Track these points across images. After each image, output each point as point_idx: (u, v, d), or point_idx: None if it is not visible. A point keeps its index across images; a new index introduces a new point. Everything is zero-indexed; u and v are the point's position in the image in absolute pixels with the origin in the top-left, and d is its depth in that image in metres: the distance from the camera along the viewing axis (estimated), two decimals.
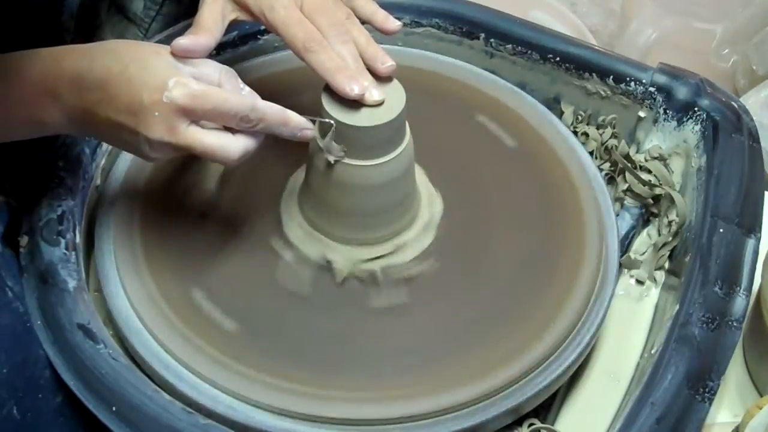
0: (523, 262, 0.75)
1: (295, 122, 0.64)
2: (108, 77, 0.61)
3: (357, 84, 0.66)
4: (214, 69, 0.64)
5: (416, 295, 0.73)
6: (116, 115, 0.61)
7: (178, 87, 0.60)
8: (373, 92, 0.67)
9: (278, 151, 0.79)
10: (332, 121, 0.67)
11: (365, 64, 0.68)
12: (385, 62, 0.68)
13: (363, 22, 0.71)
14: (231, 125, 0.62)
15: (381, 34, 0.73)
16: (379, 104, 0.68)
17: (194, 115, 0.61)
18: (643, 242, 0.87)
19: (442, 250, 0.76)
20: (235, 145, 0.62)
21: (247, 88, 0.64)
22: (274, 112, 0.63)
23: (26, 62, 0.63)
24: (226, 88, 0.63)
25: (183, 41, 0.63)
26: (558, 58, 0.90)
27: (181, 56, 0.63)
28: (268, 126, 0.63)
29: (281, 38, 0.68)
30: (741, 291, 0.69)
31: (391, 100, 0.68)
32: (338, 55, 0.66)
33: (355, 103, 0.67)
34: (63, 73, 0.63)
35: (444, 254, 0.75)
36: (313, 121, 0.67)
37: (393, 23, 0.72)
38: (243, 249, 0.75)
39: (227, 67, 0.65)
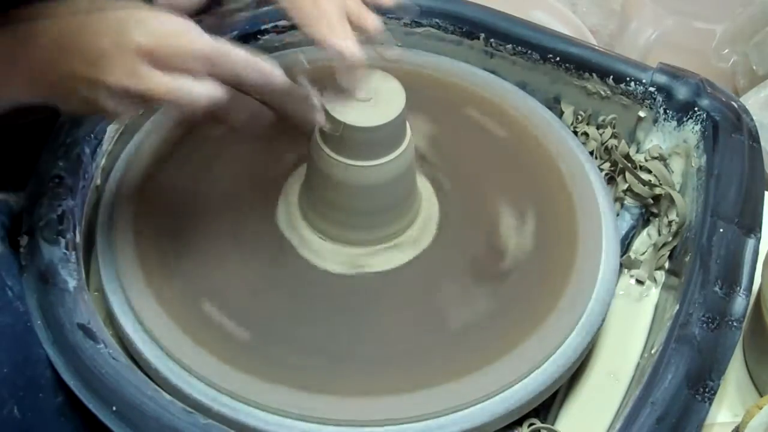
0: (522, 261, 0.75)
1: (263, 66, 0.61)
2: (65, 28, 0.59)
3: (336, 35, 0.65)
4: (176, 17, 0.60)
5: (416, 295, 0.73)
6: (73, 66, 0.58)
7: (139, 28, 0.57)
8: (352, 47, 0.65)
9: (277, 151, 0.79)
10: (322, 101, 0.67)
11: (354, 25, 0.67)
12: (374, 20, 0.68)
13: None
14: (196, 68, 0.59)
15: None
16: (367, 93, 0.68)
17: (157, 57, 0.58)
18: (643, 242, 0.87)
19: (441, 249, 0.76)
20: (200, 89, 0.59)
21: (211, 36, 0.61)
22: (239, 53, 0.60)
23: None
24: (191, 33, 0.60)
25: None
26: (558, 58, 0.90)
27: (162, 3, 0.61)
28: (234, 69, 0.60)
29: None
30: (741, 291, 0.69)
31: (392, 100, 0.69)
32: (324, 10, 0.66)
33: (355, 104, 0.67)
34: (17, 35, 0.60)
35: (444, 254, 0.75)
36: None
37: None
38: (242, 249, 0.75)
39: (189, 18, 0.61)
